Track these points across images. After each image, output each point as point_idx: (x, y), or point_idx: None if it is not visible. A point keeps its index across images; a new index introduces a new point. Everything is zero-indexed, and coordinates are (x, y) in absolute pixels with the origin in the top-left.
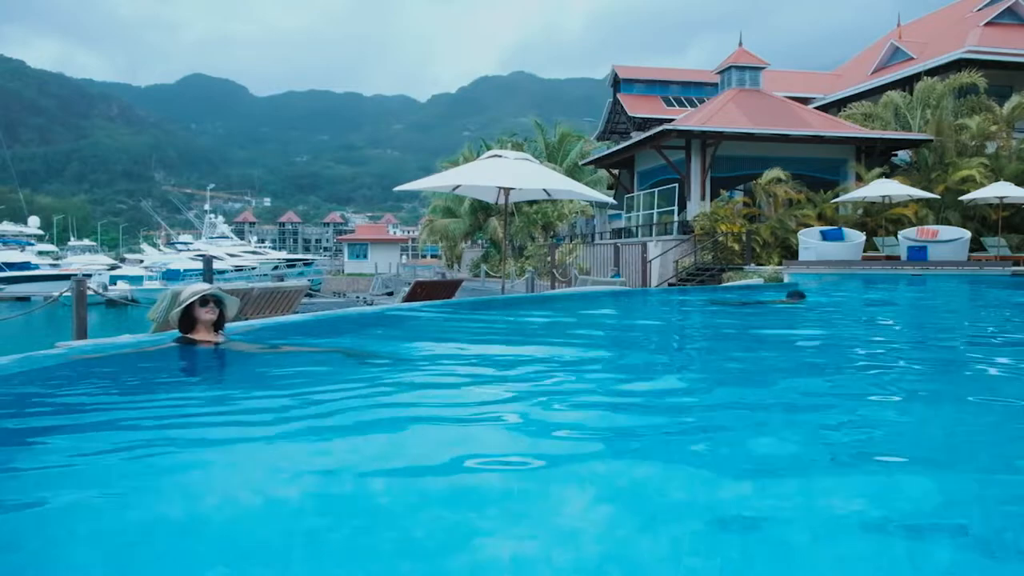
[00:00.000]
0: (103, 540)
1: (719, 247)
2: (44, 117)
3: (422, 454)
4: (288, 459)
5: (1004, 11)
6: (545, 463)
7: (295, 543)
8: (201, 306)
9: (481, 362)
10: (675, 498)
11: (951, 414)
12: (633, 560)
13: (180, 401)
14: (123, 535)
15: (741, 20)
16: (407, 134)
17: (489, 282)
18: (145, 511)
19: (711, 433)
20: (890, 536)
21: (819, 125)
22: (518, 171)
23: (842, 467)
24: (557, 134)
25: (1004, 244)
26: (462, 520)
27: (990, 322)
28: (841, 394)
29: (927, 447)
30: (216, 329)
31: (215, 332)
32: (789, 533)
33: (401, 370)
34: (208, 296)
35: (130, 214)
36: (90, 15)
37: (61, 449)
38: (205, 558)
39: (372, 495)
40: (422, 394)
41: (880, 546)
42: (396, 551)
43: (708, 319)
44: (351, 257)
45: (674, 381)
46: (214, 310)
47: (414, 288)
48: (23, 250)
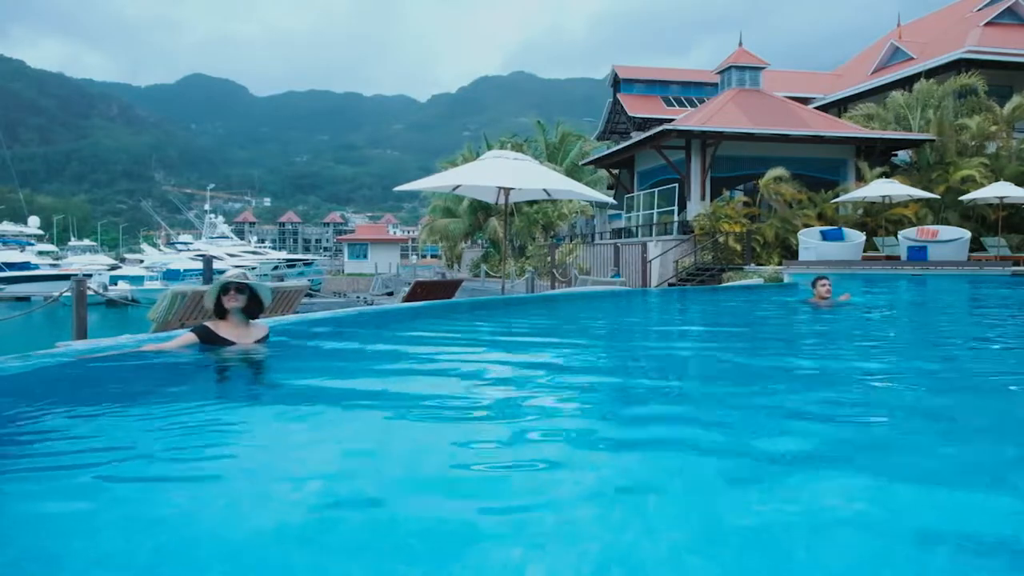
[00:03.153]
0: (102, 540)
1: (719, 247)
2: (44, 117)
3: (419, 456)
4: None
5: (1004, 11)
6: (546, 465)
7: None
8: (223, 294)
9: (481, 363)
10: (678, 500)
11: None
12: (635, 564)
13: (175, 409)
14: (123, 535)
15: (742, 21)
16: (407, 134)
17: (489, 282)
18: (145, 511)
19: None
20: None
21: (819, 125)
22: (518, 171)
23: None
24: (557, 134)
25: (1004, 244)
26: (459, 524)
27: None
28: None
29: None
30: (252, 317)
31: (247, 326)
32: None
33: (400, 370)
34: (231, 284)
35: (130, 214)
36: (96, 16)
37: (60, 449)
38: (205, 558)
39: (372, 496)
40: (419, 394)
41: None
42: (395, 554)
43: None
44: (351, 257)
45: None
46: (237, 297)
47: (414, 288)
48: (23, 250)
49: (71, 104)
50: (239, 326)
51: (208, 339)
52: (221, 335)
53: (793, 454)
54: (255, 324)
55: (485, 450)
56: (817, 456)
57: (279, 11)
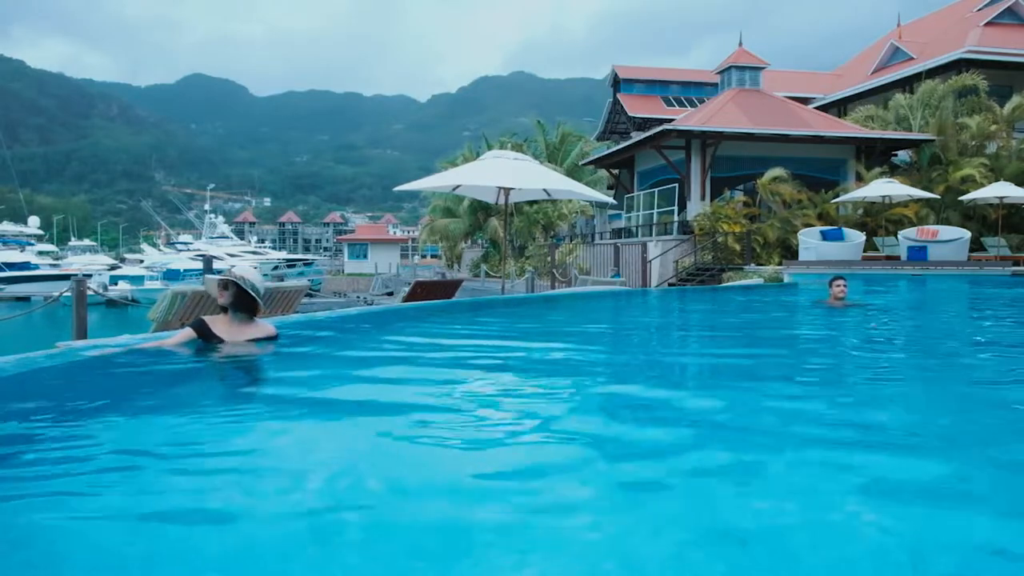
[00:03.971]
0: (100, 540)
1: (719, 247)
2: (44, 117)
3: (419, 458)
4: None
5: (1004, 11)
6: (547, 468)
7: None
8: (220, 289)
9: (481, 363)
10: (682, 501)
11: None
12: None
13: (167, 409)
14: (121, 536)
15: (742, 21)
16: (407, 134)
17: (489, 282)
18: (141, 512)
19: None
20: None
21: (819, 125)
22: (518, 171)
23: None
24: (557, 134)
25: (1004, 244)
26: (462, 529)
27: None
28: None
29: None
30: (251, 313)
31: (244, 324)
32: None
33: (399, 371)
34: (220, 279)
35: (130, 214)
36: (96, 16)
37: (60, 449)
38: (203, 559)
39: (371, 498)
40: (417, 394)
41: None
42: (396, 554)
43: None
44: (351, 257)
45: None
46: (222, 293)
47: (414, 288)
48: (23, 250)
49: (71, 104)
50: (233, 323)
51: (203, 335)
52: (214, 332)
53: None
54: (259, 323)
55: (485, 450)
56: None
57: (279, 11)
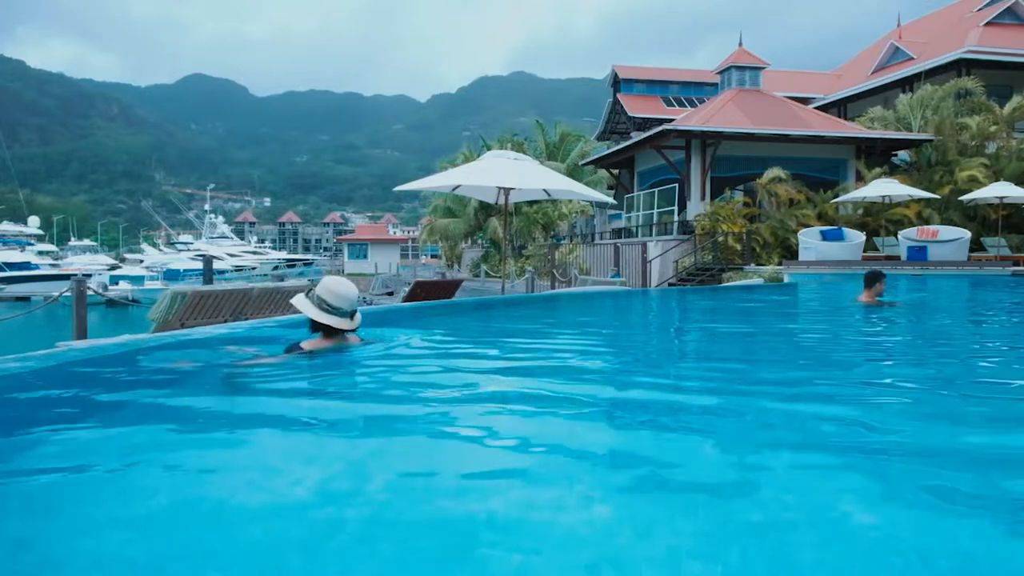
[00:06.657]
0: (102, 541)
1: (719, 247)
2: (44, 117)
3: (419, 457)
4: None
5: (1004, 11)
6: (547, 468)
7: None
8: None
9: (481, 363)
10: (684, 500)
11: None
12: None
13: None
14: (120, 535)
15: (743, 22)
16: (407, 134)
17: (489, 282)
18: (141, 511)
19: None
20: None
21: (819, 125)
22: (518, 171)
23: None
24: (557, 134)
25: (1004, 244)
26: (462, 529)
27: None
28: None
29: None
30: (323, 333)
31: (338, 339)
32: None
33: (399, 372)
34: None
35: (130, 214)
36: (97, 16)
37: (59, 449)
38: (202, 560)
39: (370, 499)
40: (415, 394)
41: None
42: (396, 555)
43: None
44: (351, 257)
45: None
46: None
47: (414, 288)
48: (23, 250)
49: (71, 104)
50: (323, 341)
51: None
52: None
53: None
54: (350, 337)
55: (485, 451)
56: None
57: (280, 11)
